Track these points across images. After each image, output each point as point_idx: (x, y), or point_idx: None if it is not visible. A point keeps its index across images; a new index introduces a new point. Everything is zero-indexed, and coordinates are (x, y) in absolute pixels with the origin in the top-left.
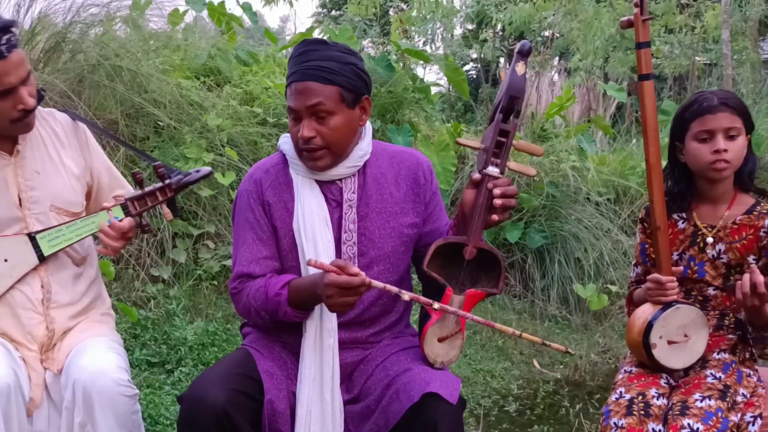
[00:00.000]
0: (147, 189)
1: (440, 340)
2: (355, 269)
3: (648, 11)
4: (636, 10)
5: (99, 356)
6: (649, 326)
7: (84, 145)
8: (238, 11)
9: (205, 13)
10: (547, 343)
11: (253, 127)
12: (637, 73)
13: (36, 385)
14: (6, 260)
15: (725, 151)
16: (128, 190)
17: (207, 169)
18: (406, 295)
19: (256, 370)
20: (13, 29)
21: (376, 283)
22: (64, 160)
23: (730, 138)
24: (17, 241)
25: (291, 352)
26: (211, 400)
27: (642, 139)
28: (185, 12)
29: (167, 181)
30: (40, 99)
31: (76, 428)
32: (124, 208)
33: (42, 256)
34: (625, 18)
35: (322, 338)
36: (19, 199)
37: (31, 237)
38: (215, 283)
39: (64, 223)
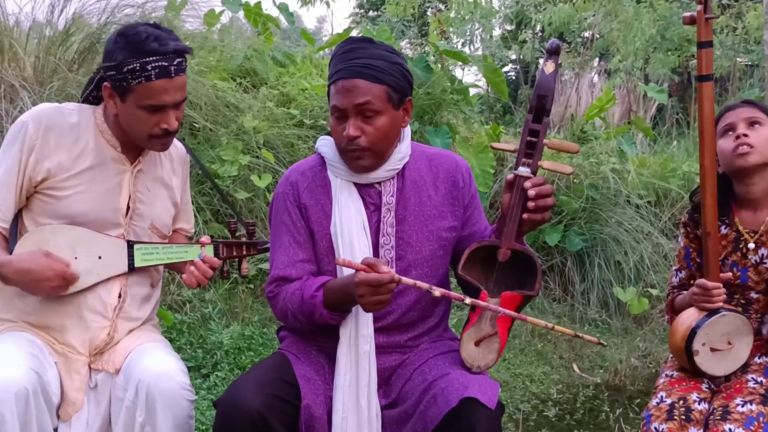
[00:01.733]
0: (239, 240)
1: (476, 343)
2: (385, 267)
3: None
4: (699, 7)
5: (162, 359)
6: (693, 333)
7: (185, 177)
8: (274, 12)
9: (241, 13)
10: (580, 335)
11: (290, 129)
12: (697, 74)
13: (77, 389)
14: (100, 257)
15: (746, 135)
16: (191, 225)
17: None
18: (437, 291)
19: (293, 375)
20: (187, 55)
21: (405, 279)
22: (171, 184)
23: (752, 126)
24: (116, 244)
25: (328, 356)
26: (248, 405)
27: (684, 141)
28: (221, 13)
29: (255, 239)
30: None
31: (137, 428)
32: (215, 249)
33: (132, 266)
34: (688, 14)
35: (357, 344)
36: (127, 209)
37: (130, 245)
38: (251, 286)
39: (161, 243)
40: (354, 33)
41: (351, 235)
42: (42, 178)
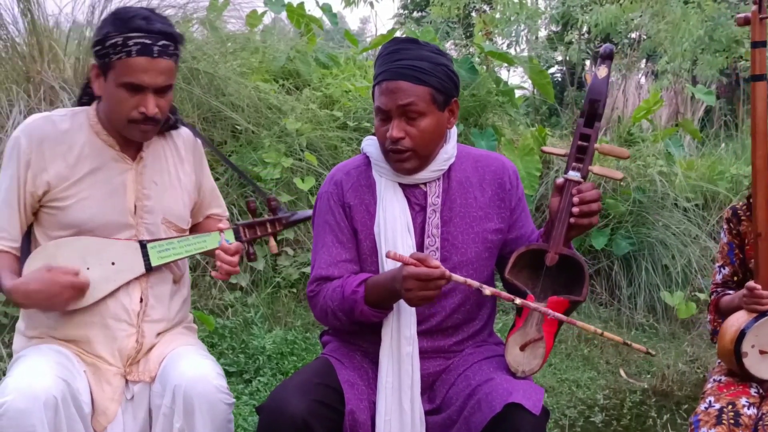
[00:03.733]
0: (260, 219)
1: (521, 347)
2: (435, 262)
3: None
4: (754, 7)
5: (197, 362)
6: (742, 334)
7: (198, 162)
8: (317, 12)
9: (283, 14)
10: (629, 342)
11: (333, 132)
12: (750, 74)
13: (111, 400)
14: (113, 263)
15: None
16: (224, 209)
17: (309, 212)
18: (488, 290)
19: (336, 380)
20: (176, 42)
21: (456, 276)
22: (180, 174)
23: None
24: (128, 246)
25: (371, 361)
26: (291, 410)
27: (732, 143)
28: (263, 13)
29: (279, 215)
30: (169, 123)
31: None
32: (236, 232)
33: (149, 266)
34: (742, 15)
35: (399, 346)
36: (135, 207)
37: (142, 245)
38: (294, 290)
39: (176, 237)
40: (398, 34)
41: (395, 235)
42: (43, 192)
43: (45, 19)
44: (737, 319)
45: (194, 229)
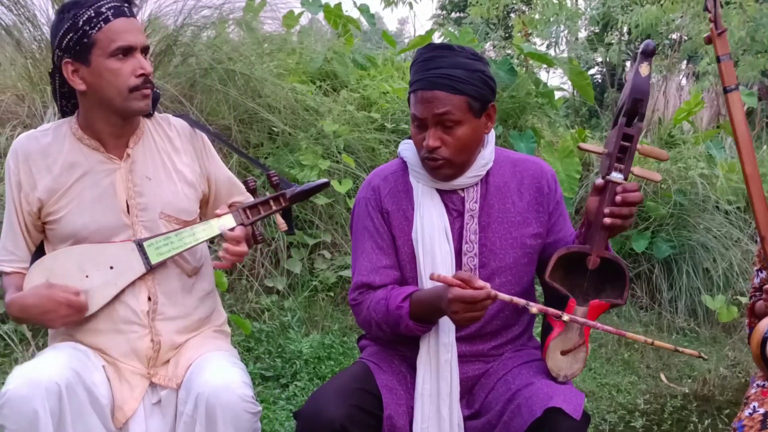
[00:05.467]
0: (260, 198)
1: (563, 353)
2: (480, 282)
3: None
4: (712, 25)
5: (222, 370)
6: (765, 340)
7: (201, 152)
8: (355, 13)
9: (321, 15)
10: (680, 349)
11: (371, 133)
12: (722, 86)
13: (130, 397)
14: (112, 267)
15: None
16: (247, 195)
17: (324, 180)
18: (534, 308)
19: (374, 385)
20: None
21: (502, 295)
22: (178, 166)
23: None
24: (124, 248)
25: (410, 365)
26: (329, 415)
27: None
28: (300, 14)
29: (281, 191)
30: (155, 99)
31: None
32: (236, 216)
33: (149, 264)
34: (706, 35)
35: (438, 353)
36: (127, 206)
37: (139, 244)
38: (332, 294)
39: (172, 231)
40: (436, 35)
41: (433, 241)
42: (38, 208)
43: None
44: (764, 324)
45: None
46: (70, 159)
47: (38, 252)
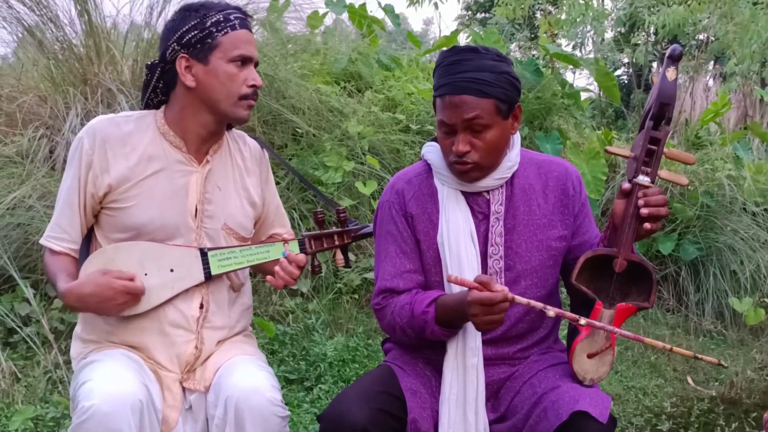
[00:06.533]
0: (327, 231)
1: (590, 356)
2: (498, 285)
3: None
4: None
5: (251, 374)
6: None
7: (265, 176)
8: (380, 14)
9: (345, 15)
10: (699, 356)
11: (396, 135)
12: None
13: (171, 406)
14: (172, 270)
15: None
16: (288, 229)
17: None
18: (552, 311)
19: (399, 388)
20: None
21: (519, 298)
22: (246, 184)
23: None
24: (188, 253)
25: (435, 368)
26: (352, 419)
27: None
28: (325, 14)
29: (348, 227)
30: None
31: None
32: (301, 244)
33: (209, 274)
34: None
35: (464, 357)
36: (195, 211)
37: (203, 252)
38: (356, 296)
39: (238, 246)
40: (462, 36)
41: (458, 245)
42: (104, 193)
43: (102, 20)
44: None
45: None
46: (150, 151)
47: (86, 240)
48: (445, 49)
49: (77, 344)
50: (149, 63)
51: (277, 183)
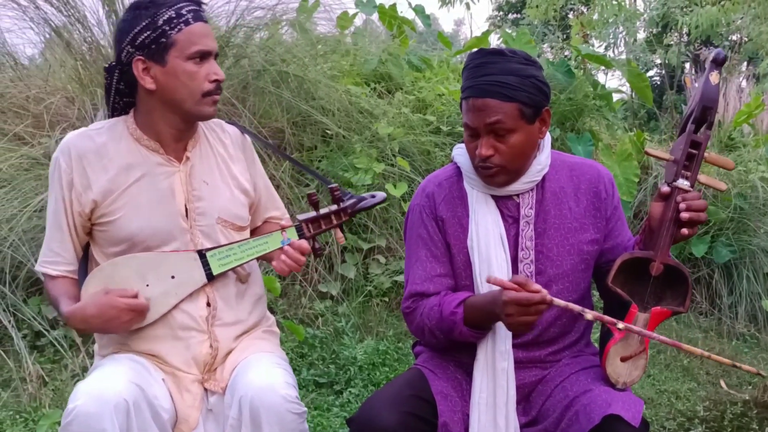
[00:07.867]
0: (322, 211)
1: (623, 359)
2: (536, 286)
3: None
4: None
5: (265, 371)
6: None
7: (250, 161)
8: (410, 14)
9: (375, 16)
10: (738, 364)
11: (426, 136)
12: None
13: (191, 407)
14: (173, 277)
15: None
16: (283, 211)
17: (382, 194)
18: (589, 314)
19: (429, 392)
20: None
21: (557, 301)
22: (233, 172)
23: None
24: (186, 257)
25: (466, 372)
26: (383, 423)
27: None
28: (355, 15)
29: (343, 205)
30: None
31: None
32: (298, 229)
33: (211, 274)
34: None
35: (494, 361)
36: (186, 210)
37: (201, 254)
38: (386, 299)
39: (236, 242)
40: (493, 37)
41: (488, 249)
42: (91, 209)
43: None
44: None
45: (253, 234)
46: (128, 160)
47: (84, 257)
48: (472, 51)
49: (96, 359)
50: (106, 66)
51: (272, 177)
